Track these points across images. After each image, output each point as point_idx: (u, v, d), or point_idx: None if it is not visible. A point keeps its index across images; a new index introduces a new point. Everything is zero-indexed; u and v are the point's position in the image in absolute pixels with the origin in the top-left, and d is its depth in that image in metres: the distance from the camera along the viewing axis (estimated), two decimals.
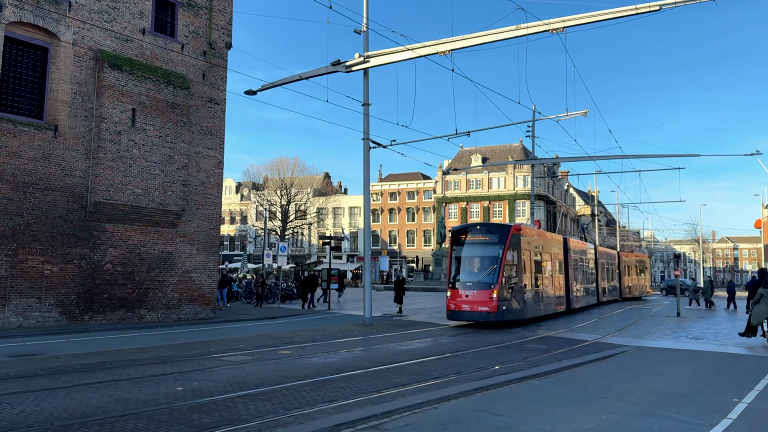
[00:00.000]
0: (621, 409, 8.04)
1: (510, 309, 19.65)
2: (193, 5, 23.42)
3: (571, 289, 27.02)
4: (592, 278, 32.96)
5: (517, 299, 20.17)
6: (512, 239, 20.11)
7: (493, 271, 19.50)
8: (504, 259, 19.52)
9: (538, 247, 22.97)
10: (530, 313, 21.30)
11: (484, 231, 20.81)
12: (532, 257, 21.93)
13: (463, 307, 19.45)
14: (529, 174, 68.76)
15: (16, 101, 18.99)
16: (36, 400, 8.02)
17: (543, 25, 17.86)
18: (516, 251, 20.31)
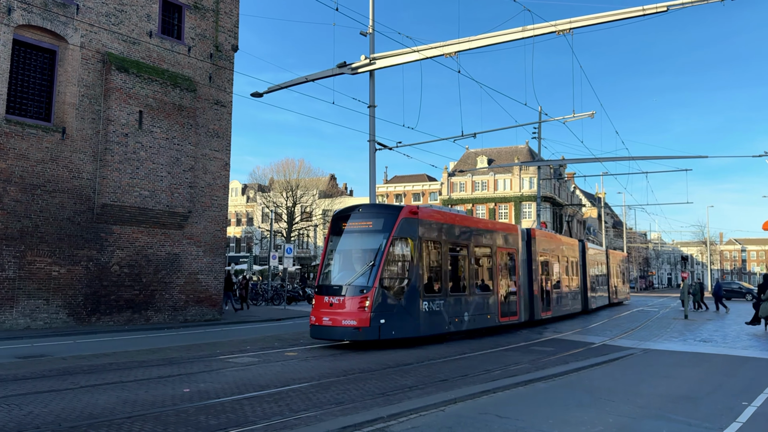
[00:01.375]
0: (629, 412, 7.99)
1: (393, 323, 14.35)
2: (199, 8, 23.51)
3: (535, 295, 21.57)
4: (576, 281, 28.10)
5: (409, 310, 14.79)
6: (402, 226, 14.87)
7: (367, 271, 14.30)
8: (386, 254, 14.38)
9: (464, 238, 17.58)
10: (436, 327, 15.69)
11: (368, 215, 15.48)
12: (447, 251, 16.59)
13: (323, 321, 14.21)
14: (535, 176, 68.62)
15: (25, 104, 19.10)
16: (44, 401, 8.05)
17: (549, 27, 17.83)
18: (409, 242, 15.06)
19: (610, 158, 27.70)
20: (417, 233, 15.28)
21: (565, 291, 25.43)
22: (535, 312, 21.37)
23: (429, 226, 15.92)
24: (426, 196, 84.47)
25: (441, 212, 17.00)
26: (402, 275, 14.91)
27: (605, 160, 27.79)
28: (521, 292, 20.70)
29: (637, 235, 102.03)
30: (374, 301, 14.07)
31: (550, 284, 23.37)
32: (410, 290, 14.92)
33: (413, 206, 15.58)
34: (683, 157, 27.25)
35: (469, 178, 73.60)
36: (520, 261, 20.88)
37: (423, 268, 15.41)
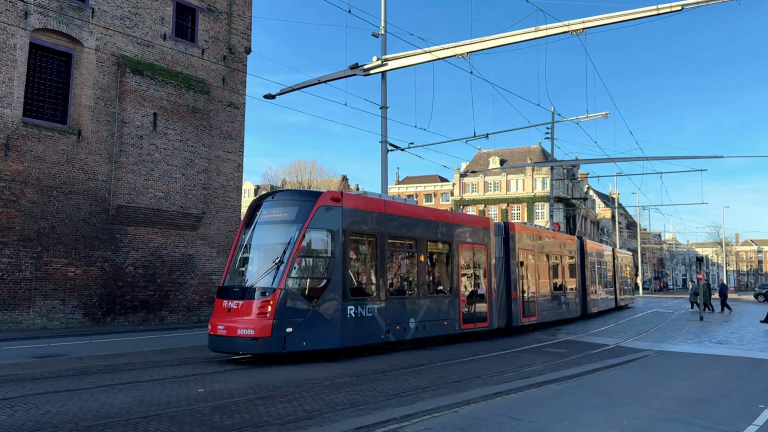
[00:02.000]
0: (643, 415, 7.95)
1: (304, 332, 11.95)
2: (213, 10, 23.68)
3: (514, 298, 18.86)
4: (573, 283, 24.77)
5: (327, 316, 12.36)
6: (320, 215, 12.52)
7: (273, 269, 12.03)
8: (297, 249, 12.08)
9: (411, 231, 15.02)
10: (366, 336, 13.24)
11: (281, 203, 13.18)
12: (386, 246, 14.08)
13: (218, 330, 11.91)
14: (547, 176, 68.32)
15: (41, 106, 19.35)
16: (61, 400, 8.15)
17: (562, 27, 17.76)
18: (330, 235, 12.68)
19: (623, 158, 27.53)
20: (340, 224, 12.80)
21: (556, 293, 22.70)
22: (513, 317, 18.69)
23: (358, 216, 13.44)
24: (438, 197, 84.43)
25: (376, 200, 14.12)
26: (319, 274, 12.57)
27: (619, 160, 27.65)
28: (494, 294, 17.93)
29: (651, 236, 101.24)
30: (279, 305, 11.67)
31: (536, 286, 20.55)
32: (330, 292, 12.44)
33: (335, 192, 13.09)
34: (698, 157, 27.04)
35: (481, 178, 73.44)
36: (493, 259, 18.19)
37: (349, 265, 13.04)
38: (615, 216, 76.03)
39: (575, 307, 24.68)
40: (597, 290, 28.26)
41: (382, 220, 14.07)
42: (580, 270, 26.06)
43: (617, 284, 33.50)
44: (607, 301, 30.61)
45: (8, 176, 17.93)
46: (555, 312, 22.42)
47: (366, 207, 13.75)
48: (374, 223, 13.84)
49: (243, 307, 11.93)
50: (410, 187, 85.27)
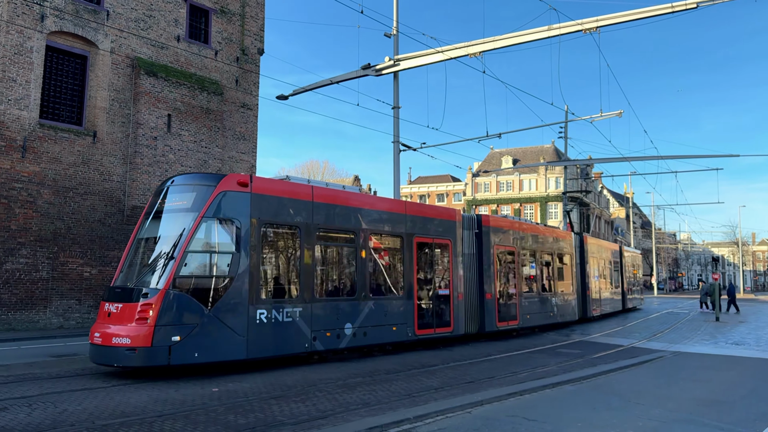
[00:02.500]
0: (659, 416, 7.88)
1: (197, 341, 10.12)
2: (226, 12, 23.82)
3: (487, 300, 17.01)
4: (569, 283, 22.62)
5: (229, 321, 10.46)
6: (222, 203, 10.77)
7: (160, 266, 10.35)
8: (190, 242, 10.37)
9: (346, 223, 13.01)
10: (282, 345, 11.32)
11: (181, 188, 11.34)
12: (313, 241, 12.17)
13: (95, 338, 10.19)
14: (561, 175, 67.96)
15: (57, 108, 19.57)
16: (77, 399, 8.24)
17: (576, 25, 17.66)
18: (234, 226, 10.86)
19: (638, 157, 27.32)
20: (248, 213, 10.98)
21: (545, 295, 20.48)
22: (486, 321, 16.79)
23: (273, 203, 11.50)
24: (450, 197, 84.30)
25: (299, 186, 12.22)
26: (218, 272, 10.66)
27: (633, 159, 27.45)
28: (460, 296, 16.03)
29: (666, 236, 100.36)
30: (162, 309, 9.86)
31: (518, 286, 18.52)
32: (232, 293, 10.55)
33: (243, 175, 11.25)
34: (714, 156, 26.81)
35: (494, 178, 73.22)
36: (460, 256, 16.22)
37: (260, 262, 11.11)
38: (629, 215, 75.49)
39: (571, 309, 22.42)
40: (600, 291, 26.10)
41: (308, 209, 12.05)
42: (579, 269, 24.09)
43: (624, 284, 31.30)
44: (613, 303, 28.51)
45: (25, 177, 18.16)
46: (543, 315, 20.11)
47: (285, 193, 11.80)
48: (297, 213, 11.85)
49: (122, 312, 10.10)
50: (422, 187, 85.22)
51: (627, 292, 31.57)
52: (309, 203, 12.16)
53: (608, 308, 27.31)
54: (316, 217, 12.27)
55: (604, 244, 28.96)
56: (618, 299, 29.73)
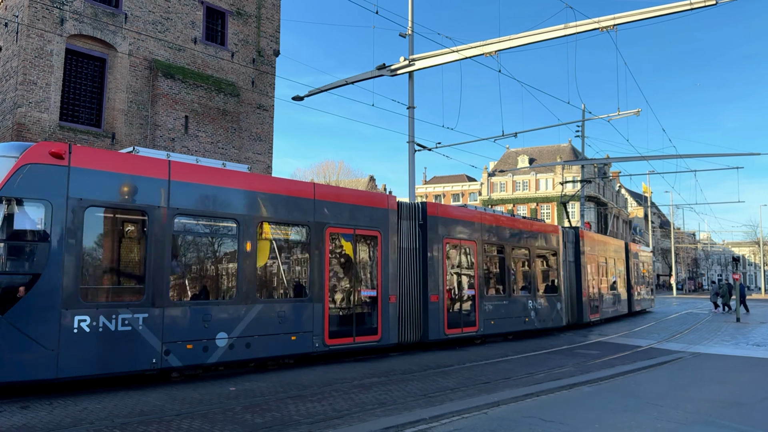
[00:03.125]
0: (678, 418, 7.79)
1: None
2: (242, 14, 23.98)
3: (432, 303, 14.47)
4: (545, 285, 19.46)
5: (30, 330, 8.35)
6: (25, 179, 8.67)
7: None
8: None
9: (221, 204, 10.69)
10: (116, 361, 9.05)
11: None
12: (165, 226, 9.86)
13: None
14: (578, 175, 67.47)
15: (77, 111, 19.84)
16: (97, 398, 8.35)
17: (592, 23, 17.52)
18: (43, 208, 8.76)
19: (656, 156, 27.02)
20: (64, 193, 8.80)
21: (518, 298, 17.77)
22: (430, 328, 14.33)
23: (104, 181, 9.28)
24: (465, 197, 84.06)
25: (145, 160, 9.91)
26: (17, 267, 8.68)
27: (652, 158, 27.16)
28: (392, 298, 13.57)
29: (685, 236, 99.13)
30: None
31: (477, 287, 15.96)
32: (38, 294, 8.41)
33: (57, 144, 8.96)
34: (734, 155, 26.38)
35: (510, 177, 72.86)
36: (395, 252, 13.78)
37: (81, 254, 8.93)
38: (648, 215, 74.69)
39: (556, 314, 19.48)
40: (600, 292, 23.26)
41: (161, 190, 9.85)
42: (573, 268, 21.42)
43: (632, 285, 28.20)
44: (617, 306, 25.56)
45: None
46: (514, 321, 17.37)
47: (124, 169, 9.53)
48: (144, 194, 9.66)
49: None
50: (437, 186, 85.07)
51: (634, 294, 28.42)
52: (163, 182, 9.88)
53: (610, 312, 24.56)
54: (176, 199, 9.98)
55: (607, 240, 25.67)
56: (623, 301, 26.76)
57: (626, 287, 27.48)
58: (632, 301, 28.01)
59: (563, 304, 20.11)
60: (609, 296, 24.32)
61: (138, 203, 9.58)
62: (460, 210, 16.31)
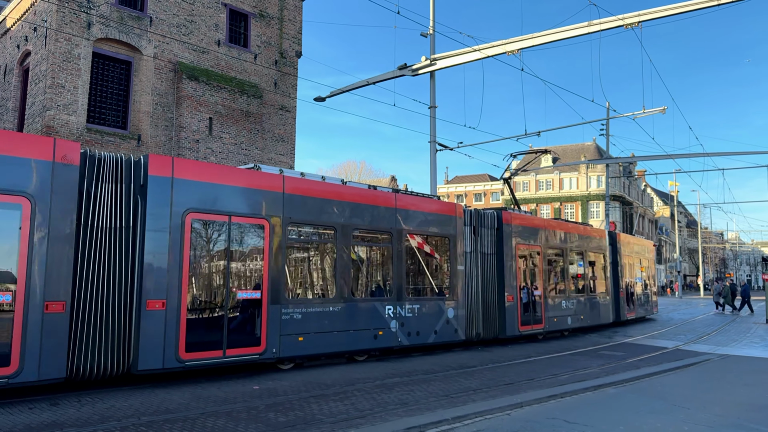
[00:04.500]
0: (705, 420, 7.66)
1: None
2: (264, 16, 24.17)
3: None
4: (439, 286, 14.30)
5: None
6: None
7: None
8: None
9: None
10: None
11: None
12: None
13: None
14: (602, 174, 66.65)
15: (103, 113, 20.20)
16: (123, 395, 8.49)
17: (617, 21, 17.31)
18: None
19: (683, 155, 26.58)
20: None
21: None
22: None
23: None
24: (488, 196, 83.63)
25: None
26: None
27: (678, 156, 26.72)
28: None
29: (712, 235, 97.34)
30: None
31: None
32: None
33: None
34: (763, 153, 25.80)
35: (533, 177, 72.30)
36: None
37: None
38: (674, 214, 73.49)
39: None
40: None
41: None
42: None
43: (622, 287, 22.22)
44: (595, 313, 19.86)
45: None
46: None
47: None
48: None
49: None
50: (459, 186, 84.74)
51: (622, 298, 22.01)
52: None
53: (585, 320, 19.18)
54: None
55: (580, 230, 19.94)
56: (605, 304, 20.69)
57: (610, 289, 21.47)
58: (620, 307, 21.83)
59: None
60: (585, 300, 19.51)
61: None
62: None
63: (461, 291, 14.54)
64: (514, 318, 15.69)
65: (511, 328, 15.53)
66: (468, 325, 14.54)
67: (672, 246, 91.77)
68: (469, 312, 14.61)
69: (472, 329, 14.69)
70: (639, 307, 24.05)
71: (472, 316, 14.70)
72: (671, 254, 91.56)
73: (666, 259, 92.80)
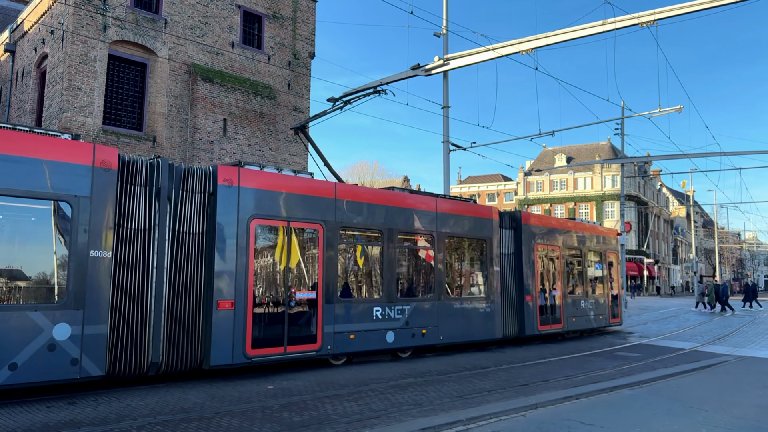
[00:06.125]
0: (724, 423, 7.56)
1: None
2: (278, 17, 24.27)
3: None
4: None
5: None
6: None
7: None
8: None
9: None
10: None
11: None
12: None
13: None
14: (617, 173, 66.12)
15: (119, 115, 20.39)
16: (140, 395, 8.56)
17: (632, 19, 17.16)
18: None
19: (699, 154, 26.29)
20: None
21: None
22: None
23: None
24: (501, 196, 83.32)
25: None
26: None
27: (694, 156, 26.44)
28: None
29: (729, 235, 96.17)
30: None
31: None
32: None
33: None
34: None
35: (547, 177, 71.91)
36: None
37: None
38: (690, 214, 72.71)
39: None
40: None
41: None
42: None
43: (532, 289, 15.95)
44: (477, 326, 14.35)
45: None
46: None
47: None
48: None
49: None
50: (472, 186, 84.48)
51: (529, 304, 15.79)
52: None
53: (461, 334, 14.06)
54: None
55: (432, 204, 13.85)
56: (482, 313, 14.57)
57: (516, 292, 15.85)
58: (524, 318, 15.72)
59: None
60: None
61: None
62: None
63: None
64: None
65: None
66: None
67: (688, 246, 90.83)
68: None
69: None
70: (572, 317, 17.48)
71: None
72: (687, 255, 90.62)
73: (682, 259, 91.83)
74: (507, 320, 15.22)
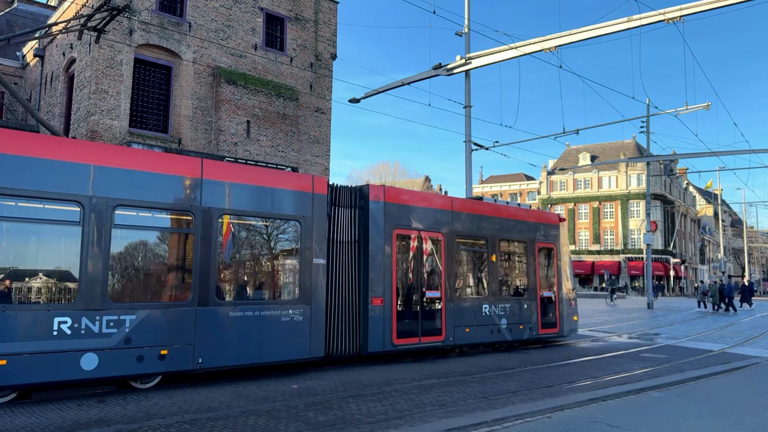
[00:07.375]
0: (755, 426, 7.42)
1: None
2: (300, 19, 24.41)
3: None
4: None
5: None
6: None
7: None
8: None
9: None
10: None
11: None
12: None
13: None
14: (642, 172, 65.18)
15: (145, 117, 20.70)
16: (167, 394, 8.68)
17: (658, 15, 16.90)
18: None
19: (727, 152, 25.82)
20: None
21: None
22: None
23: None
24: (524, 196, 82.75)
25: None
26: None
27: (722, 154, 25.97)
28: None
29: (759, 234, 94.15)
30: None
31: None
32: None
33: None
34: None
35: (571, 176, 71.16)
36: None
37: None
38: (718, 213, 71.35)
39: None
40: None
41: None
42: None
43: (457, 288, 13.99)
44: None
45: None
46: None
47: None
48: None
49: None
50: (494, 186, 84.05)
51: (437, 308, 13.22)
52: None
53: None
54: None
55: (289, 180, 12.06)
56: None
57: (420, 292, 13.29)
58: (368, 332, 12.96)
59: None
60: None
61: None
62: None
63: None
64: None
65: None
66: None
67: (716, 246, 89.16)
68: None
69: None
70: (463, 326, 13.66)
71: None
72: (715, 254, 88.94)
73: (710, 259, 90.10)
74: (337, 332, 11.34)
